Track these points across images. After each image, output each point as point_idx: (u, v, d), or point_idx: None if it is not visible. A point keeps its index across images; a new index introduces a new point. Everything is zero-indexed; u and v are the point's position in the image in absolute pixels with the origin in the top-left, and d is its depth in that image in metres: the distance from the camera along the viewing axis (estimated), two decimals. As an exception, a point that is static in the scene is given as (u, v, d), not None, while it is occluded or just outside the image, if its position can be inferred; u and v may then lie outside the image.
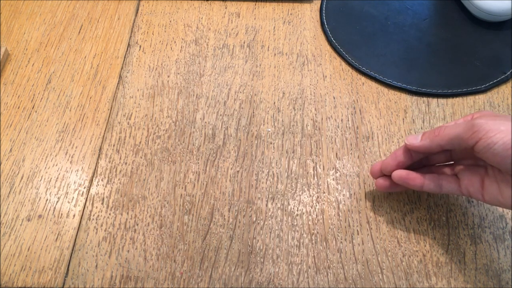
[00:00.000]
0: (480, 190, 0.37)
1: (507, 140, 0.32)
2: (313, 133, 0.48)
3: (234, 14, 0.58)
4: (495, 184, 0.36)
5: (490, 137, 0.33)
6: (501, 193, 0.35)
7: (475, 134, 0.34)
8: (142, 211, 0.43)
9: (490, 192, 0.36)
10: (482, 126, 0.33)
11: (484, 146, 0.33)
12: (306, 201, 0.44)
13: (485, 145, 0.33)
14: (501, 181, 0.35)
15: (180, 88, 0.51)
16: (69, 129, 0.48)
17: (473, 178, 0.37)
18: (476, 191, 0.37)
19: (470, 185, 0.37)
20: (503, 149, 0.32)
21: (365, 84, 0.52)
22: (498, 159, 0.33)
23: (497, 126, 0.33)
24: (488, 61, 0.53)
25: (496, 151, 0.33)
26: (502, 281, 0.40)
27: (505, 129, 0.33)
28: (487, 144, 0.33)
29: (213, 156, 0.46)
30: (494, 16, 0.55)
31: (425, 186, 0.39)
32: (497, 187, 0.36)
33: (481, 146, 0.33)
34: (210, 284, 0.40)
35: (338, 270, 0.40)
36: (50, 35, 0.56)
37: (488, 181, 0.36)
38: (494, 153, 0.33)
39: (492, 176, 0.36)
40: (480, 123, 0.34)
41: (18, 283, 0.40)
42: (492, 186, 0.36)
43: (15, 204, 0.44)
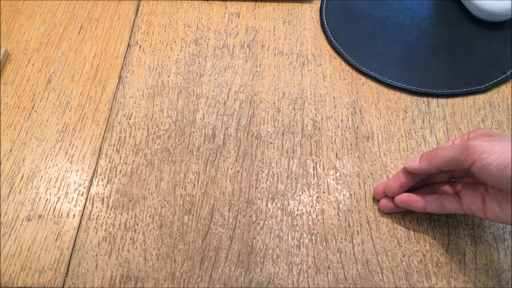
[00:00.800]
0: (482, 208, 0.37)
1: (501, 160, 0.33)
2: (313, 133, 0.48)
3: (234, 14, 0.58)
4: (496, 202, 0.36)
5: (484, 159, 0.33)
6: (502, 211, 0.36)
7: (469, 156, 0.34)
8: (142, 211, 0.43)
9: (491, 209, 0.36)
10: (476, 148, 0.34)
11: (479, 168, 0.34)
12: (306, 201, 0.44)
13: (480, 167, 0.34)
14: (501, 199, 0.36)
15: (180, 88, 0.51)
16: (69, 129, 0.48)
17: (474, 197, 0.38)
18: (478, 209, 0.37)
19: (471, 203, 0.38)
20: (497, 169, 0.33)
21: (365, 84, 0.52)
22: (494, 179, 0.34)
23: (491, 147, 0.34)
24: (488, 61, 0.53)
25: (492, 172, 0.33)
26: (502, 281, 0.40)
27: (498, 150, 0.33)
28: (482, 165, 0.33)
29: (213, 156, 0.46)
30: (494, 16, 0.55)
31: (427, 208, 0.40)
32: (498, 204, 0.36)
33: (477, 167, 0.34)
34: (210, 284, 0.40)
35: (338, 270, 0.40)
36: (50, 35, 0.56)
37: (488, 199, 0.37)
38: (489, 174, 0.33)
39: (492, 194, 0.37)
40: (474, 145, 0.34)
41: (18, 283, 0.40)
42: (493, 204, 0.36)
43: (15, 204, 0.44)
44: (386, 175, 0.45)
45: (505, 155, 0.33)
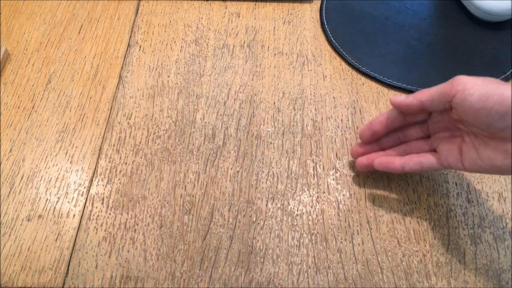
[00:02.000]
0: (459, 158, 0.38)
1: (484, 91, 0.34)
2: (313, 133, 0.48)
3: (234, 14, 0.58)
4: (473, 149, 0.37)
5: (467, 89, 0.35)
6: (480, 157, 0.36)
7: (453, 87, 0.36)
8: (142, 211, 0.43)
9: (469, 158, 0.37)
10: (461, 80, 0.35)
11: (461, 99, 0.35)
12: (306, 201, 0.44)
13: (462, 98, 0.35)
14: (479, 145, 0.36)
15: (180, 88, 0.51)
16: (69, 129, 0.48)
17: (451, 148, 0.38)
18: (455, 160, 0.38)
19: (449, 155, 0.38)
20: (478, 100, 0.34)
21: (365, 84, 0.52)
22: (473, 111, 0.34)
23: (475, 80, 0.35)
24: (488, 61, 0.53)
25: (472, 103, 0.34)
26: (502, 281, 0.40)
27: (481, 83, 0.34)
28: (464, 96, 0.34)
29: (213, 156, 0.46)
30: (494, 16, 0.55)
31: (405, 167, 0.40)
32: (475, 151, 0.36)
33: (459, 98, 0.35)
34: (210, 284, 0.40)
35: (338, 270, 0.40)
36: (50, 35, 0.56)
37: (466, 147, 0.37)
38: (470, 105, 0.34)
39: (469, 143, 0.37)
40: (460, 77, 0.36)
41: (18, 283, 0.40)
42: (470, 152, 0.37)
43: (15, 204, 0.44)
44: (386, 175, 0.45)
45: (488, 87, 0.34)
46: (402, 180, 0.45)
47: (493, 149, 0.35)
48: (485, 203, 0.44)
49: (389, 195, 0.44)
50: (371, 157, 0.43)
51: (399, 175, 0.45)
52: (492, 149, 0.35)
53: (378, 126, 0.42)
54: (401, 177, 0.45)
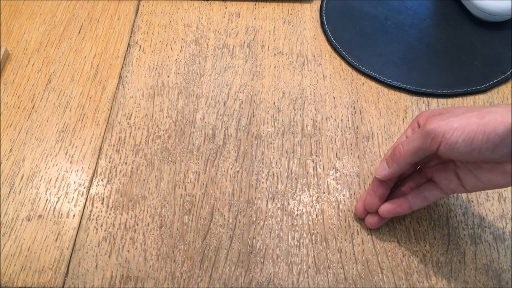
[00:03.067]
0: (459, 183, 0.37)
1: (466, 135, 0.33)
2: (313, 133, 0.48)
3: (234, 14, 0.58)
4: (470, 173, 0.36)
5: (449, 139, 0.33)
6: (480, 180, 0.36)
7: (433, 141, 0.34)
8: (142, 211, 0.43)
9: (469, 182, 0.37)
10: (436, 131, 0.34)
11: (447, 149, 0.34)
12: (306, 201, 0.44)
13: (447, 148, 0.33)
14: (474, 169, 0.36)
15: (180, 88, 0.51)
16: (69, 129, 0.48)
17: (448, 176, 0.38)
18: (456, 186, 0.37)
19: (449, 183, 0.38)
20: (465, 145, 0.33)
21: (365, 84, 0.52)
22: (464, 155, 0.33)
23: (451, 125, 0.33)
24: (488, 61, 0.53)
25: (460, 149, 0.33)
26: (502, 281, 0.40)
27: (458, 126, 0.33)
28: (449, 146, 0.33)
29: (213, 156, 0.46)
30: (494, 16, 0.55)
31: (413, 206, 0.40)
32: (473, 175, 0.36)
33: (444, 149, 0.34)
34: (210, 284, 0.40)
35: (338, 270, 0.40)
36: (50, 35, 0.56)
37: (462, 173, 0.37)
38: (458, 151, 0.33)
39: (463, 168, 0.37)
40: (433, 129, 0.34)
41: (18, 283, 0.40)
42: (468, 176, 0.36)
43: (15, 204, 0.44)
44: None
45: (467, 129, 0.33)
46: (402, 180, 0.45)
47: (490, 172, 0.35)
48: (485, 203, 0.44)
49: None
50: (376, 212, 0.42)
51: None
52: (490, 172, 0.35)
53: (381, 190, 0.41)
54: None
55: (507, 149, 0.32)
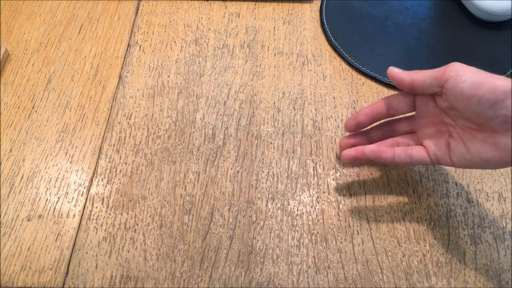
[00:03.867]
0: (447, 153, 0.38)
1: (475, 79, 0.34)
2: (313, 133, 0.48)
3: (234, 14, 0.58)
4: (461, 143, 0.37)
5: (460, 75, 0.35)
6: (468, 151, 0.36)
7: (446, 72, 0.36)
8: (142, 211, 0.43)
9: (457, 152, 0.37)
10: (454, 66, 0.36)
11: (453, 85, 0.35)
12: (306, 201, 0.44)
13: (454, 83, 0.35)
14: (467, 139, 0.37)
15: (180, 88, 0.51)
16: (69, 129, 0.48)
17: (439, 143, 0.39)
18: (443, 154, 0.38)
19: (436, 149, 0.39)
20: (470, 87, 0.34)
21: (365, 84, 0.52)
22: (464, 98, 0.35)
23: (469, 68, 0.35)
24: (488, 61, 0.53)
25: (464, 90, 0.34)
26: (502, 281, 0.40)
27: (474, 71, 0.35)
28: (456, 82, 0.35)
29: (213, 156, 0.46)
30: (494, 16, 0.55)
31: (396, 157, 0.40)
32: (463, 145, 0.37)
33: (451, 84, 0.35)
34: (210, 284, 0.40)
35: (338, 270, 0.40)
36: (50, 35, 0.56)
37: (453, 142, 0.38)
38: (462, 91, 0.35)
39: (457, 137, 0.38)
40: (454, 64, 0.36)
41: (18, 283, 0.40)
42: (458, 146, 0.37)
43: (15, 204, 0.44)
44: (386, 175, 0.45)
45: (479, 76, 0.34)
46: (402, 180, 0.45)
47: (481, 142, 0.36)
48: (485, 203, 0.44)
49: (389, 195, 0.44)
50: (359, 149, 0.42)
51: (399, 175, 0.45)
52: (481, 142, 0.36)
53: (362, 117, 0.42)
54: (401, 177, 0.45)
55: (505, 111, 0.33)
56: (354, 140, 0.43)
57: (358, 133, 0.44)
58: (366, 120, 0.42)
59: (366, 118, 0.42)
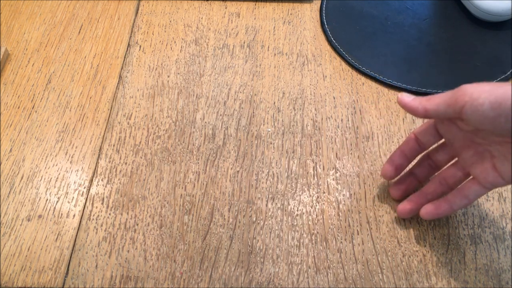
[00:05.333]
0: (497, 175, 0.35)
1: (493, 98, 0.31)
2: (313, 133, 0.48)
3: (234, 14, 0.58)
4: (505, 161, 0.34)
5: (475, 99, 0.32)
6: None
7: (460, 97, 0.33)
8: (142, 211, 0.43)
9: (505, 170, 0.35)
10: (466, 89, 0.33)
11: (472, 110, 0.32)
12: (306, 201, 0.44)
13: (473, 109, 0.32)
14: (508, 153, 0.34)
15: (180, 88, 0.51)
16: (69, 129, 0.48)
17: (484, 168, 0.36)
18: (494, 178, 0.35)
19: (486, 175, 0.36)
20: (491, 108, 0.31)
21: (365, 84, 0.52)
22: (489, 120, 0.32)
23: (481, 88, 0.32)
24: (488, 61, 0.53)
25: (486, 113, 0.32)
26: (502, 281, 0.40)
27: (489, 89, 0.32)
28: (474, 106, 0.32)
29: (213, 156, 0.46)
30: (494, 16, 0.55)
31: (453, 206, 0.38)
32: (508, 162, 0.34)
33: (469, 110, 0.32)
34: (210, 284, 0.40)
35: (338, 270, 0.40)
36: (50, 35, 0.56)
37: (498, 161, 0.35)
38: (483, 115, 0.32)
39: (499, 155, 0.35)
40: (465, 87, 0.33)
41: (18, 283, 0.40)
42: (504, 165, 0.35)
43: (15, 204, 0.44)
44: (386, 175, 0.45)
45: (496, 93, 0.31)
46: (402, 180, 0.45)
47: None
48: (485, 203, 0.44)
49: (389, 195, 0.44)
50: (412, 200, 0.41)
51: (399, 175, 0.45)
52: None
53: (398, 160, 0.41)
54: (401, 177, 0.45)
55: None
56: (403, 185, 0.42)
57: (403, 176, 0.43)
58: (402, 161, 0.41)
59: (402, 159, 0.41)
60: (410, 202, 0.41)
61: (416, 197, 0.41)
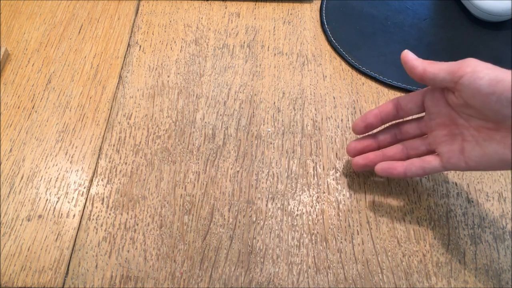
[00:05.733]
0: (462, 158, 0.36)
1: (493, 76, 0.33)
2: (313, 133, 0.48)
3: (234, 14, 0.58)
4: (477, 146, 0.35)
5: (476, 72, 0.33)
6: (486, 154, 0.35)
7: (462, 68, 0.34)
8: (142, 211, 0.43)
9: (473, 156, 0.36)
10: (471, 62, 0.34)
11: (470, 81, 0.33)
12: (306, 201, 0.44)
13: (471, 80, 0.33)
14: (483, 141, 0.35)
15: (180, 88, 0.51)
16: (69, 129, 0.48)
17: (451, 149, 0.37)
18: (458, 160, 0.37)
19: (451, 156, 0.37)
20: (489, 84, 0.33)
21: (365, 84, 0.52)
22: (482, 96, 0.33)
23: (485, 65, 0.34)
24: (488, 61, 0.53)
25: (482, 87, 0.33)
26: (502, 281, 0.40)
27: (492, 67, 0.33)
28: (473, 79, 0.33)
29: (213, 156, 0.46)
30: (494, 16, 0.55)
31: (407, 172, 0.39)
32: (480, 148, 0.35)
33: (467, 80, 0.33)
34: (210, 284, 0.40)
35: (338, 270, 0.40)
36: (50, 35, 0.56)
37: (468, 146, 0.36)
38: (479, 88, 0.33)
39: (471, 140, 0.36)
40: (470, 60, 0.34)
41: (18, 283, 0.40)
42: (474, 149, 0.36)
43: (15, 204, 0.44)
44: (386, 175, 0.45)
45: (497, 73, 0.33)
46: (402, 180, 0.45)
47: (499, 143, 0.34)
48: (485, 203, 0.44)
49: (389, 195, 0.44)
50: (368, 156, 0.42)
51: (399, 175, 0.45)
52: (498, 143, 0.34)
53: (371, 118, 0.41)
54: (401, 177, 0.45)
55: None
56: (362, 144, 0.43)
57: (365, 136, 0.43)
58: (375, 121, 0.41)
59: (375, 119, 0.41)
60: (366, 158, 0.42)
61: (373, 156, 0.42)
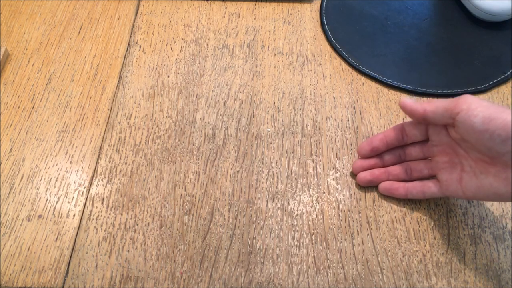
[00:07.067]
0: (459, 188, 0.38)
1: (487, 114, 0.34)
2: (313, 133, 0.48)
3: (234, 14, 0.58)
4: (474, 178, 0.37)
5: (471, 110, 0.35)
6: (481, 185, 0.36)
7: (458, 105, 0.36)
8: (142, 211, 0.43)
9: (470, 186, 0.37)
10: (466, 99, 0.36)
11: (465, 118, 0.35)
12: (306, 201, 0.44)
13: (466, 117, 0.35)
14: (480, 173, 0.37)
15: (180, 88, 0.51)
16: (69, 129, 0.48)
17: (451, 177, 0.39)
18: (456, 189, 0.39)
19: (449, 185, 0.39)
20: (482, 122, 0.34)
21: (365, 84, 0.52)
22: (476, 133, 0.35)
23: (481, 102, 0.35)
24: (488, 61, 0.53)
25: (476, 124, 0.34)
26: (502, 281, 0.40)
27: (487, 105, 0.35)
28: (468, 116, 0.35)
29: (213, 156, 0.46)
30: (494, 16, 0.55)
31: (408, 194, 0.42)
32: (476, 179, 0.37)
33: (462, 117, 0.35)
34: (210, 284, 0.40)
35: (338, 270, 0.40)
36: (50, 35, 0.56)
37: (466, 176, 0.38)
38: (473, 126, 0.34)
39: (470, 171, 0.38)
40: (466, 96, 0.36)
41: (18, 283, 0.40)
42: (471, 180, 0.37)
43: (15, 204, 0.44)
44: (386, 175, 0.45)
45: (491, 111, 0.34)
46: (402, 180, 0.45)
47: (494, 177, 0.35)
48: (485, 203, 0.44)
49: (389, 196, 0.44)
50: (374, 172, 0.44)
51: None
52: (493, 177, 0.36)
53: (377, 142, 0.43)
54: (401, 177, 0.45)
55: None
56: (369, 164, 0.44)
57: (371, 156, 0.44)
58: (381, 145, 0.43)
59: (381, 143, 0.43)
60: (372, 174, 0.44)
61: (379, 172, 0.44)
